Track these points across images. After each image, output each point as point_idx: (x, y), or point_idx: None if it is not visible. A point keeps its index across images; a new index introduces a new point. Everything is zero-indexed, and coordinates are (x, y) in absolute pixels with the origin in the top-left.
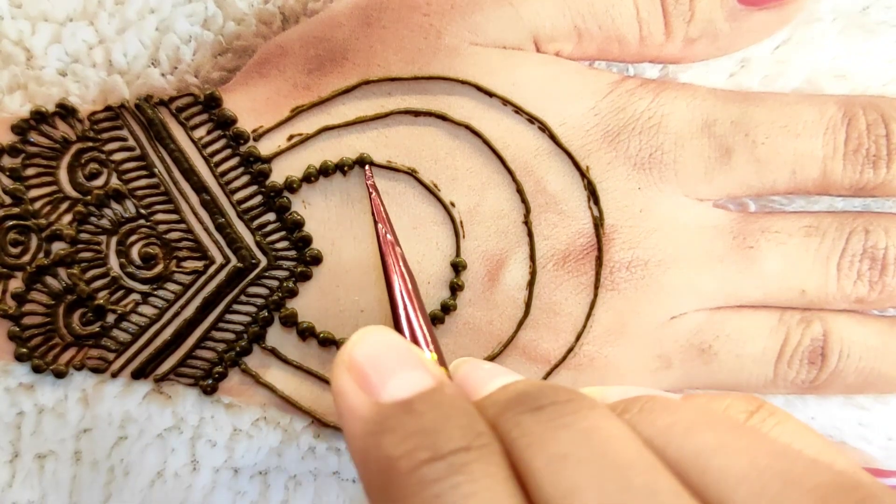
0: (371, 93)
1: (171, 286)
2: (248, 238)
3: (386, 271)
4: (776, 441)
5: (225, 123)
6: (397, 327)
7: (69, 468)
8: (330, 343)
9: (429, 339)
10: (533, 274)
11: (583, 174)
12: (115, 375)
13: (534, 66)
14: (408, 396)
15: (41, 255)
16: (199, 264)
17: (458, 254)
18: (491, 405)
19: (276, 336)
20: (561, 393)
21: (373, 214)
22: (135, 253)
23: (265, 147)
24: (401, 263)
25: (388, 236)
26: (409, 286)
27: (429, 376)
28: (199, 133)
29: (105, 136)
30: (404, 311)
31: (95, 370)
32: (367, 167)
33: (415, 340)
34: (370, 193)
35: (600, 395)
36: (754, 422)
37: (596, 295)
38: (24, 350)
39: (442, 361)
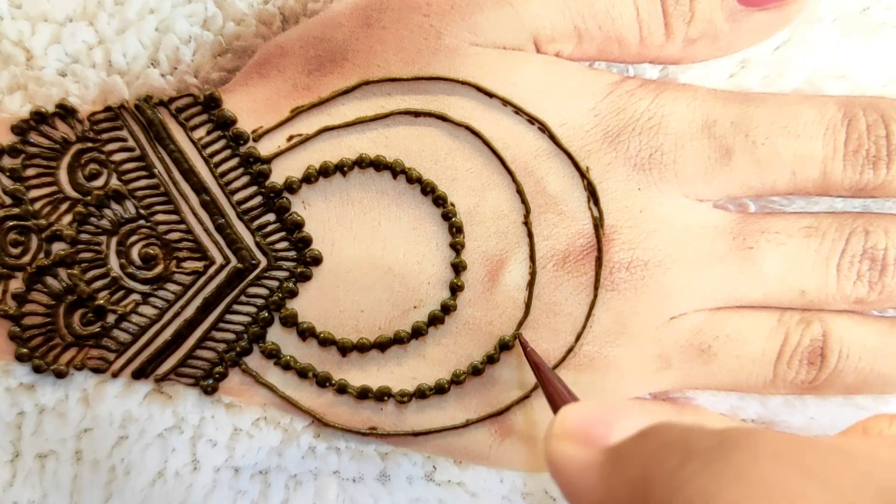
0: (371, 93)
1: (172, 286)
2: (248, 239)
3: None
4: None
5: (225, 124)
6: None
7: (70, 468)
8: (330, 343)
9: None
10: (533, 274)
11: (583, 175)
12: (115, 375)
13: (534, 67)
14: (637, 430)
15: (41, 255)
16: (199, 265)
17: (458, 254)
18: (637, 456)
19: (277, 336)
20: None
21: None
22: (135, 253)
23: (265, 147)
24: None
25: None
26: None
27: (646, 417)
28: (199, 133)
29: (105, 136)
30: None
31: (96, 370)
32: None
33: None
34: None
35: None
36: None
37: (596, 295)
38: (25, 350)
39: None
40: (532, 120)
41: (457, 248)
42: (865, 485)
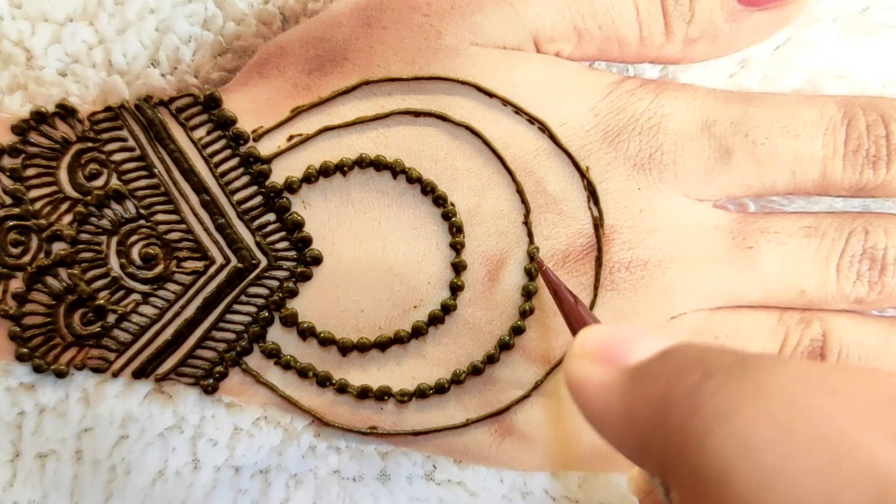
0: (371, 93)
1: (172, 286)
2: (249, 238)
3: (558, 293)
4: None
5: (225, 124)
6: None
7: (70, 467)
8: (330, 343)
9: None
10: (533, 273)
11: (583, 174)
12: (115, 375)
13: (534, 67)
14: (659, 350)
15: (42, 255)
16: (199, 264)
17: (458, 254)
18: (657, 374)
19: (277, 336)
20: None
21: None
22: (135, 253)
23: (265, 147)
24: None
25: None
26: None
27: (666, 338)
28: (199, 133)
29: (105, 136)
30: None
31: (96, 370)
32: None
33: None
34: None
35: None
36: None
37: (595, 295)
38: (25, 350)
39: None
40: (532, 120)
41: (457, 247)
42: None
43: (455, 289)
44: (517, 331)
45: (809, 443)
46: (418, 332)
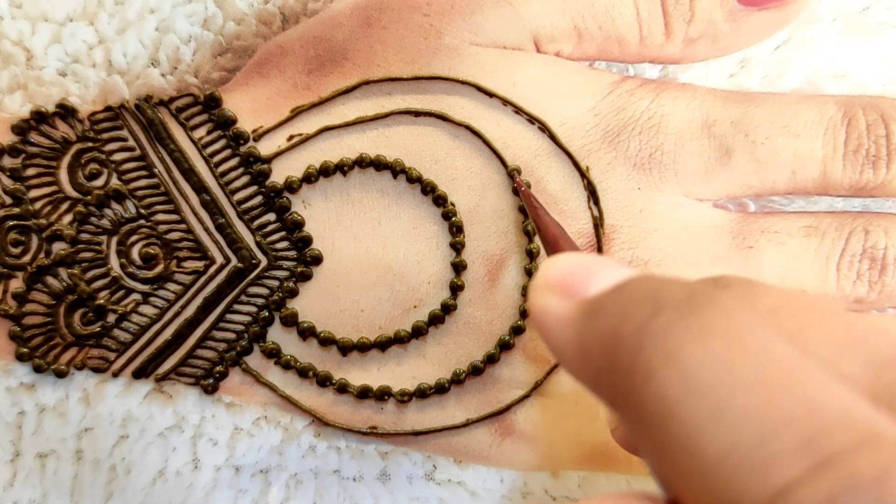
0: (371, 93)
1: (172, 286)
2: (249, 238)
3: (538, 218)
4: None
5: (225, 124)
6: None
7: (70, 467)
8: (330, 343)
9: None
10: (534, 273)
11: (583, 174)
12: (116, 375)
13: (534, 67)
14: (615, 283)
15: (42, 255)
16: (199, 264)
17: (458, 254)
18: (609, 308)
19: (277, 336)
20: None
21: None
22: (135, 253)
23: (265, 147)
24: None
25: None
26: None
27: (626, 269)
28: (199, 133)
29: (105, 136)
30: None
31: (96, 370)
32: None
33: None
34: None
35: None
36: None
37: None
38: (25, 350)
39: None
40: (532, 119)
41: (457, 247)
42: (855, 351)
43: (455, 289)
44: (517, 331)
45: (749, 384)
46: (418, 331)
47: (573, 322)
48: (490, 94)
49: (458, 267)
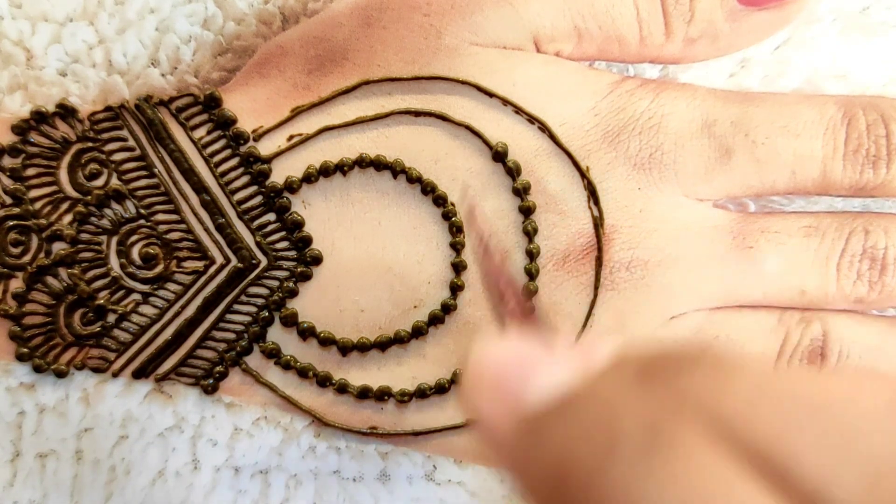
0: (371, 93)
1: (172, 286)
2: (249, 238)
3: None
4: None
5: (225, 124)
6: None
7: (70, 467)
8: (330, 343)
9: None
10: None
11: (583, 174)
12: (116, 375)
13: (534, 67)
14: (556, 397)
15: (42, 255)
16: (199, 264)
17: (458, 254)
18: (555, 434)
19: (277, 336)
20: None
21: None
22: (135, 253)
23: (265, 147)
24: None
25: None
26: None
27: (566, 361)
28: (199, 133)
29: (105, 136)
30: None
31: (96, 370)
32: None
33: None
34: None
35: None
36: None
37: (596, 295)
38: (25, 350)
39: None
40: (532, 119)
41: (457, 247)
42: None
43: (455, 289)
44: None
45: None
46: (418, 332)
47: (514, 438)
48: (490, 94)
49: (458, 267)
